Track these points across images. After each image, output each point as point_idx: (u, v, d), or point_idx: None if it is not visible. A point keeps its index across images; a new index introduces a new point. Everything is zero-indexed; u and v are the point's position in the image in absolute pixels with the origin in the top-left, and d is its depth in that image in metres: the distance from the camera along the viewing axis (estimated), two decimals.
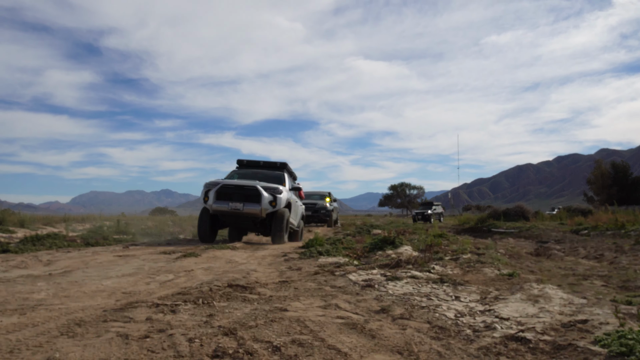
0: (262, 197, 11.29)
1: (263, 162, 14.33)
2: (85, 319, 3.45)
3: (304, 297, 4.48)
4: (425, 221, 35.51)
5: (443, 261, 7.26)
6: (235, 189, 11.48)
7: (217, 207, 11.28)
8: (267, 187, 11.58)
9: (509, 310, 4.03)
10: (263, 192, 11.36)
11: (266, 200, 11.32)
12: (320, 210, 22.80)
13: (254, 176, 13.25)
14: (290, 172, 14.59)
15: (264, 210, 11.31)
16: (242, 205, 11.20)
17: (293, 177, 15.06)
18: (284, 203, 11.74)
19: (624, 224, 14.34)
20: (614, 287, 5.55)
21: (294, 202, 13.19)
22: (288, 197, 12.19)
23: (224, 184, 11.60)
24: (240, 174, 13.59)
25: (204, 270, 6.53)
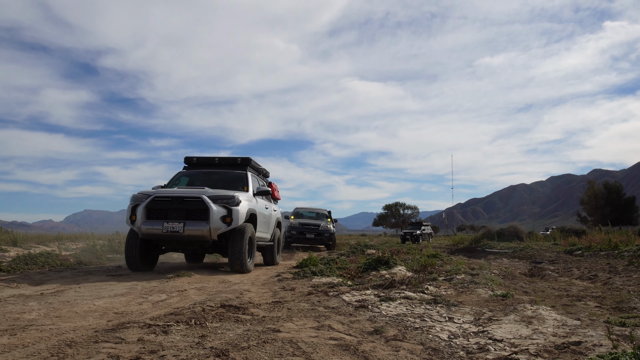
0: (211, 212, 8.23)
1: (219, 159, 11.05)
2: (76, 339, 3.42)
3: (297, 318, 4.46)
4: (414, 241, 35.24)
5: (437, 282, 7.25)
6: (173, 202, 8.39)
7: (148, 230, 8.26)
8: (218, 197, 8.48)
9: (503, 331, 4.03)
10: (211, 205, 8.26)
11: (217, 216, 8.28)
12: (324, 233, 20.37)
13: (206, 179, 10.28)
14: (257, 169, 11.65)
15: (215, 230, 8.29)
16: (182, 226, 8.17)
17: (263, 175, 12.25)
18: (243, 217, 8.71)
19: (617, 245, 14.37)
20: (608, 308, 5.56)
21: (262, 210, 10.35)
22: (251, 206, 9.29)
23: (156, 195, 8.49)
24: (188, 177, 10.57)
25: (197, 290, 6.49)
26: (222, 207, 8.39)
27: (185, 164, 11.25)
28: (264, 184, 11.71)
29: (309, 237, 19.99)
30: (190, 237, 8.34)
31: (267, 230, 10.93)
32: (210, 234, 8.27)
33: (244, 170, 10.63)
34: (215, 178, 10.32)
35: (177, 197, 8.41)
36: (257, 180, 10.94)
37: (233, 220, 8.43)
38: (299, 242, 20.33)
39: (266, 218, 10.70)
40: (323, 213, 23.06)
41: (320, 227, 20.34)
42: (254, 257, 9.33)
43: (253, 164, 11.18)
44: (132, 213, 8.46)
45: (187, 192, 8.62)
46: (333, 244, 20.63)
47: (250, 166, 11.00)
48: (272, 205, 11.66)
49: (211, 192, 8.59)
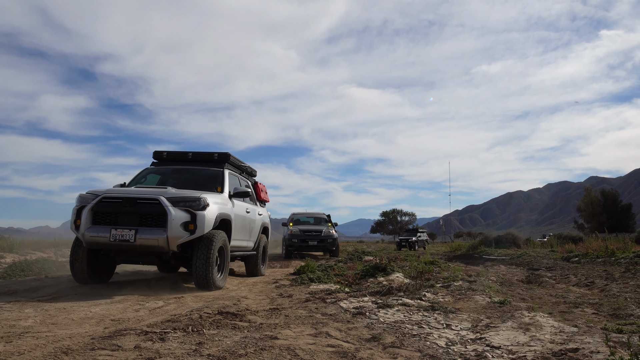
0: (169, 217, 6.70)
1: (193, 154, 9.57)
2: (73, 346, 3.40)
3: (294, 325, 4.45)
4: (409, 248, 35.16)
5: (434, 288, 7.25)
6: (124, 204, 6.91)
7: (93, 238, 6.79)
8: (179, 199, 7.00)
9: (500, 338, 4.03)
10: (170, 209, 6.76)
11: (177, 222, 6.76)
12: (327, 239, 18.70)
13: (177, 177, 8.89)
14: (238, 166, 10.19)
15: (174, 239, 6.72)
16: (133, 234, 6.66)
17: (247, 173, 10.92)
18: (211, 223, 7.19)
19: (614, 252, 14.40)
20: (605, 315, 5.56)
21: (241, 214, 8.78)
22: (224, 210, 7.78)
23: (105, 196, 7.01)
24: (157, 175, 9.10)
25: (194, 297, 6.47)
26: (184, 211, 6.89)
27: (155, 159, 9.70)
28: (248, 184, 10.39)
29: (311, 245, 18.59)
30: (144, 247, 6.77)
31: (247, 237, 9.42)
32: (167, 244, 6.69)
33: (221, 167, 9.12)
34: (186, 176, 8.91)
35: (129, 199, 6.90)
36: (237, 180, 9.50)
37: (197, 227, 6.90)
38: (301, 250, 19.04)
39: (246, 223, 9.20)
40: (322, 217, 21.51)
41: (322, 233, 18.84)
42: (225, 271, 7.70)
43: (233, 160, 9.66)
44: (76, 217, 6.99)
45: (142, 192, 7.09)
46: (337, 250, 19.23)
47: (229, 163, 9.49)
48: (256, 209, 10.24)
49: (172, 193, 7.07)
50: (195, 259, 7.08)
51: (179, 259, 7.60)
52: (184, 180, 8.73)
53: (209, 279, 7.10)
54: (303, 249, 19.21)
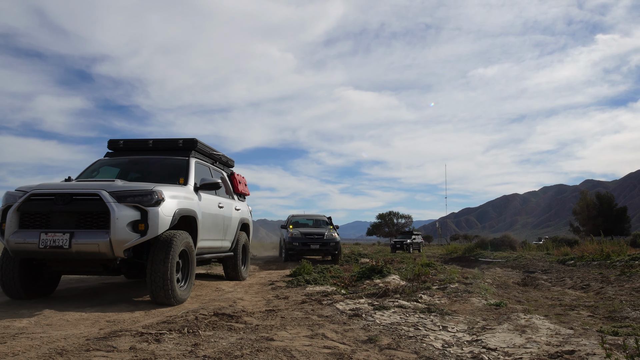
0: (112, 215, 5.38)
1: (154, 142, 8.13)
2: (68, 347, 3.39)
3: (290, 327, 4.44)
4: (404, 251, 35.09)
5: (431, 290, 7.25)
6: (57, 201, 5.57)
7: (18, 245, 5.48)
8: (126, 193, 5.65)
9: (497, 340, 4.03)
10: (112, 205, 5.43)
11: (123, 222, 5.42)
12: (329, 242, 17.42)
13: (134, 169, 7.72)
14: (209, 155, 8.73)
15: (119, 243, 5.38)
16: (67, 238, 5.35)
17: (222, 163, 9.50)
18: (167, 221, 5.83)
19: (609, 255, 14.43)
20: (601, 318, 5.57)
21: (211, 210, 7.50)
22: (187, 205, 6.41)
23: (34, 192, 5.69)
24: (113, 167, 7.78)
25: (190, 298, 6.46)
26: (131, 208, 5.53)
27: (110, 149, 8.23)
28: (223, 176, 9.03)
29: (313, 248, 17.31)
30: (82, 254, 5.40)
31: (221, 236, 8.07)
32: (111, 249, 5.33)
33: (186, 156, 7.67)
34: (145, 168, 7.64)
35: (63, 195, 5.55)
36: (208, 170, 8.16)
37: (149, 227, 5.56)
38: (302, 254, 17.72)
39: (219, 220, 7.88)
40: (322, 220, 20.27)
41: (324, 236, 17.57)
42: (190, 280, 6.32)
43: (202, 147, 8.27)
44: (1, 219, 5.70)
45: (80, 186, 5.78)
46: (339, 254, 17.83)
47: (196, 150, 8.05)
48: (233, 203, 8.86)
49: (118, 187, 5.71)
50: (149, 266, 5.64)
51: (132, 266, 6.08)
52: (143, 172, 7.57)
53: (167, 290, 5.63)
54: (304, 253, 17.84)
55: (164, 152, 8.02)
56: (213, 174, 8.37)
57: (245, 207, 9.81)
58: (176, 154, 7.81)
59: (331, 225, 19.36)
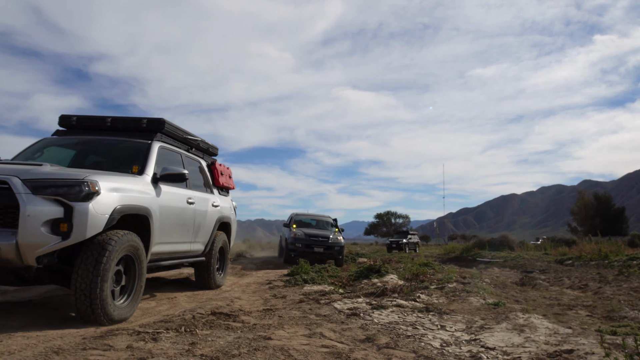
0: (22, 209, 4.06)
1: (113, 120, 6.59)
2: (64, 346, 3.36)
3: (288, 326, 4.43)
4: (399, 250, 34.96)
5: (429, 290, 7.24)
6: None
7: None
8: (46, 182, 4.27)
9: (495, 339, 4.02)
10: (23, 198, 4.09)
11: (37, 220, 4.08)
12: (334, 246, 16.15)
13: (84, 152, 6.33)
14: (183, 139, 7.20)
15: (30, 247, 4.06)
16: None
17: (200, 149, 8.01)
18: (101, 220, 4.43)
19: (607, 255, 14.45)
20: (599, 317, 5.57)
21: (175, 205, 6.09)
22: (136, 199, 5.04)
23: None
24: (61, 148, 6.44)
25: (187, 298, 6.44)
26: (52, 202, 4.19)
27: (61, 126, 6.76)
28: (201, 165, 7.70)
29: (317, 251, 16.05)
30: None
31: (190, 237, 6.69)
32: (18, 256, 4.04)
33: (149, 139, 6.18)
34: (97, 151, 6.37)
35: None
36: (179, 158, 6.74)
37: (75, 229, 4.20)
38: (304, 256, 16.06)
39: (188, 219, 6.46)
40: (327, 221, 18.91)
41: (329, 239, 16.29)
42: (136, 293, 4.91)
43: (171, 130, 6.70)
44: None
45: None
46: (342, 259, 16.59)
47: (164, 133, 6.51)
48: (209, 198, 7.43)
49: (39, 173, 4.33)
50: (73, 276, 4.33)
51: (58, 275, 4.65)
52: (95, 156, 6.27)
53: (95, 307, 4.26)
54: (306, 255, 16.26)
55: (124, 133, 6.43)
56: (186, 162, 6.89)
57: (226, 203, 8.29)
58: (139, 136, 6.25)
59: (337, 227, 18.18)
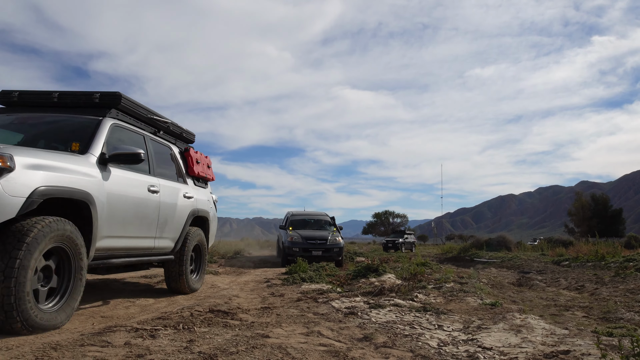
0: None
1: (60, 95, 5.54)
2: (62, 342, 3.37)
3: (286, 324, 4.43)
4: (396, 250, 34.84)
5: (426, 290, 7.25)
6: None
7: None
8: None
9: (492, 339, 4.03)
10: None
11: None
12: (333, 248, 15.36)
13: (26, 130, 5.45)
14: (147, 119, 6.12)
15: None
16: None
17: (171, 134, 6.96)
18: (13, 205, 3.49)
19: (604, 256, 14.48)
20: (595, 318, 5.58)
21: (132, 191, 5.19)
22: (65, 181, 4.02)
23: None
24: None
25: (186, 295, 6.44)
26: None
27: (1, 103, 5.82)
28: (172, 151, 6.76)
29: (315, 255, 15.09)
30: None
31: (152, 232, 5.67)
32: None
33: (100, 115, 5.18)
34: (40, 128, 5.50)
35: None
36: (141, 141, 5.76)
37: None
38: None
39: (148, 210, 5.49)
40: (324, 220, 17.96)
41: (328, 241, 15.50)
42: (71, 297, 4.10)
43: (131, 106, 5.61)
44: None
45: None
46: (342, 260, 15.79)
47: (121, 110, 5.49)
48: (180, 188, 6.45)
49: None
50: None
51: None
52: (33, 135, 5.37)
53: (9, 311, 3.43)
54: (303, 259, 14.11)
55: (74, 109, 5.47)
56: (152, 146, 5.98)
57: (204, 195, 7.38)
58: (90, 113, 5.27)
59: (334, 226, 17.37)
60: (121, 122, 5.42)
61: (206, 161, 7.84)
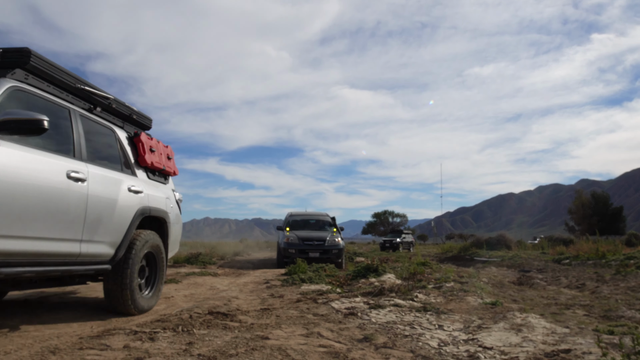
0: None
1: None
2: (61, 346, 3.35)
3: (285, 325, 4.42)
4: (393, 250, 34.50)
5: (426, 289, 7.24)
6: None
7: None
8: None
9: (493, 339, 4.01)
10: None
11: None
12: (331, 250, 14.57)
13: None
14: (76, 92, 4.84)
15: None
16: None
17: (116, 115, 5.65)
18: None
19: (604, 254, 14.48)
20: (596, 317, 5.57)
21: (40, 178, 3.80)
22: None
23: None
24: None
25: (185, 297, 6.43)
26: None
27: None
28: (118, 135, 5.44)
29: (312, 257, 14.38)
30: None
31: (80, 233, 4.33)
32: None
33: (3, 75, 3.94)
34: None
35: None
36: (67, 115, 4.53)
37: None
38: None
39: (72, 203, 4.21)
40: (325, 220, 17.21)
41: (326, 242, 14.72)
42: None
43: (45, 68, 4.32)
44: None
45: None
46: (342, 263, 14.85)
47: (28, 71, 4.19)
48: (123, 180, 5.07)
49: None
50: None
51: None
52: None
53: None
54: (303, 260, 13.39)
55: None
56: (79, 124, 4.65)
57: (161, 192, 5.95)
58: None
59: (335, 227, 16.54)
60: (31, 87, 4.15)
61: (165, 151, 6.49)
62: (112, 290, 4.89)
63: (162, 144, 6.43)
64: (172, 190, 6.53)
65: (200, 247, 23.06)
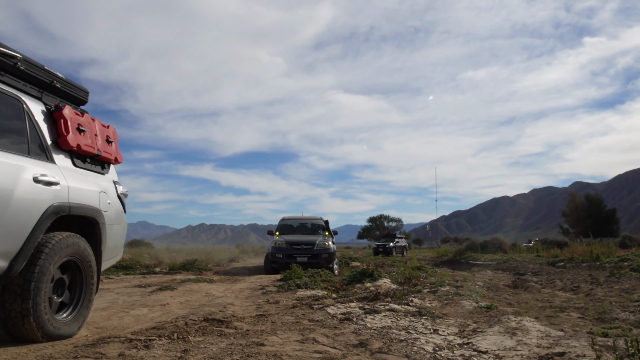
0: None
1: None
2: (55, 355, 3.34)
3: (281, 331, 4.42)
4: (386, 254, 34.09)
5: (422, 294, 7.25)
6: None
7: None
8: None
9: (487, 343, 4.03)
10: None
11: None
12: (321, 254, 13.87)
13: None
14: None
15: None
16: None
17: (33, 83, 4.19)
18: None
19: (599, 256, 14.55)
20: (591, 319, 5.59)
21: None
22: None
23: None
24: None
25: (180, 304, 6.41)
26: None
27: None
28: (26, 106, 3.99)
29: (300, 261, 13.40)
30: None
31: None
32: None
33: None
34: None
35: None
36: None
37: None
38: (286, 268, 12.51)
39: None
40: (317, 224, 16.56)
41: (315, 245, 14.05)
42: None
43: None
44: None
45: None
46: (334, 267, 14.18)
47: None
48: (25, 166, 3.64)
49: None
50: None
51: None
52: None
53: None
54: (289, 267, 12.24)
55: None
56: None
57: (91, 184, 4.52)
58: None
59: (327, 231, 15.94)
60: None
61: (104, 132, 5.01)
62: (8, 312, 3.58)
63: (100, 123, 4.97)
64: (113, 182, 5.10)
65: (196, 253, 23.01)
